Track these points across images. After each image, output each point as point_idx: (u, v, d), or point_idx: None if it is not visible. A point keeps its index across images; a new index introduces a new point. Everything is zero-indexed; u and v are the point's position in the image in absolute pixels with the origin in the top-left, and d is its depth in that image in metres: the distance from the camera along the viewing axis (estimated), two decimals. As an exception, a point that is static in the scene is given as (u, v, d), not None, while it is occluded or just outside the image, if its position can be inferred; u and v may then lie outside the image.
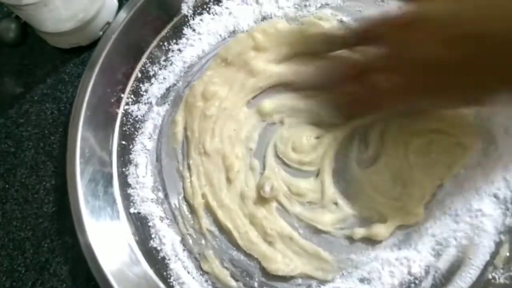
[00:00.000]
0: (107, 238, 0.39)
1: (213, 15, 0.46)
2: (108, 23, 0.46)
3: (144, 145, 0.43)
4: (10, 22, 0.47)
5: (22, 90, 0.47)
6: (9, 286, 0.41)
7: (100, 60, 0.42)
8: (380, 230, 0.38)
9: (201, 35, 0.46)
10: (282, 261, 0.38)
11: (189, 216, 0.41)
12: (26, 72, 0.48)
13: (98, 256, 0.37)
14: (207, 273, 0.39)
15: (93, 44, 0.47)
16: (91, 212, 0.39)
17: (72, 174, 0.40)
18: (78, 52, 0.47)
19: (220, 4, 0.46)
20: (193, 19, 0.46)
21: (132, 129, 0.44)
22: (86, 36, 0.46)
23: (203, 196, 0.41)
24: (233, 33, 0.46)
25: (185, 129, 0.43)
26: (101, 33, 0.46)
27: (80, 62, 0.47)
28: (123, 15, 0.44)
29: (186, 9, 0.46)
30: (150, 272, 0.39)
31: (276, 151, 0.42)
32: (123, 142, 0.43)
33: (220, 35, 0.46)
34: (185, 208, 0.41)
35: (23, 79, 0.47)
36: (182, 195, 0.42)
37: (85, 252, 0.38)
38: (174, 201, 0.42)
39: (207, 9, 0.46)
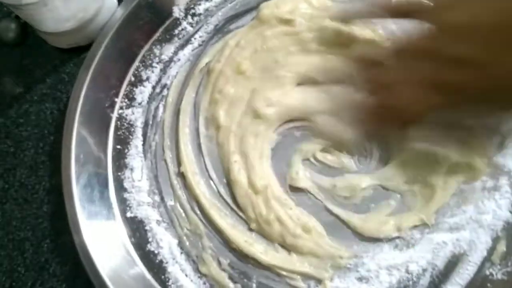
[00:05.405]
0: (103, 243, 0.39)
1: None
2: (108, 23, 0.46)
3: (139, 149, 0.43)
4: (10, 22, 0.47)
5: (21, 89, 0.47)
6: (8, 286, 0.41)
7: (93, 66, 0.42)
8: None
9: (194, 37, 0.46)
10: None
11: (185, 217, 0.41)
12: (26, 72, 0.48)
13: (95, 261, 0.37)
14: (205, 275, 0.39)
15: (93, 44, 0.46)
16: (87, 217, 0.39)
17: (68, 179, 0.39)
18: (77, 52, 0.47)
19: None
20: (185, 21, 0.46)
21: (127, 133, 0.43)
22: (86, 36, 0.46)
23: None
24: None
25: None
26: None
27: (80, 62, 0.46)
28: (115, 19, 0.44)
29: (177, 12, 0.46)
30: (148, 276, 0.39)
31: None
32: (118, 147, 0.43)
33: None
34: (179, 208, 0.41)
35: (22, 79, 0.47)
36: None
37: (82, 257, 0.38)
38: (170, 203, 0.42)
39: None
